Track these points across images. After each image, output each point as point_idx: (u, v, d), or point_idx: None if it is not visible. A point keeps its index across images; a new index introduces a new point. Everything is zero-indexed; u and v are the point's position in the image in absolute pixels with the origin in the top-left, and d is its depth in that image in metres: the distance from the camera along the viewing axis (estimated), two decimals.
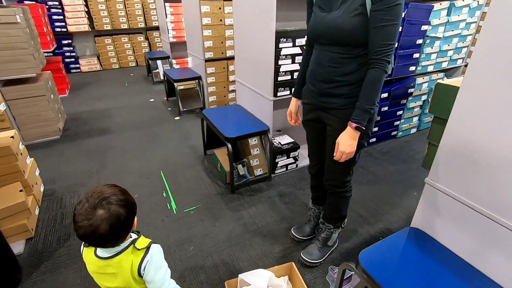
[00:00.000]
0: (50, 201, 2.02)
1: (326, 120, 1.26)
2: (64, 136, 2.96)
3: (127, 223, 0.80)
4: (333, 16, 1.07)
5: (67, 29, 5.11)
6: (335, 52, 1.11)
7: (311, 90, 1.26)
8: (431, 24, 2.39)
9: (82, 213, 0.75)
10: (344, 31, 1.04)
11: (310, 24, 1.19)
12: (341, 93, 1.15)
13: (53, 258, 1.58)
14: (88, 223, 0.74)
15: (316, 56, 1.20)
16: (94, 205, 0.75)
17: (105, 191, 0.79)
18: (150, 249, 0.86)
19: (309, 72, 1.26)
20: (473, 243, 1.00)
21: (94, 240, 0.77)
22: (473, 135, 0.92)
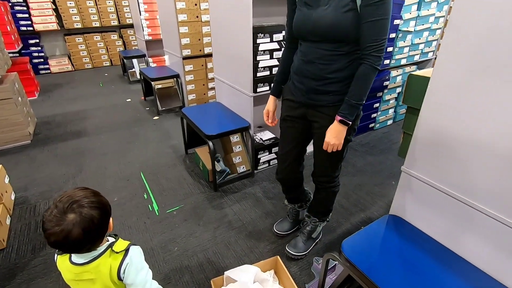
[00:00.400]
0: (22, 209, 1.92)
1: (313, 117, 1.24)
2: (35, 140, 2.81)
3: (101, 225, 0.77)
4: (322, 13, 1.03)
5: (33, 28, 4.84)
6: (325, 49, 1.09)
7: (298, 88, 1.22)
8: (403, 18, 2.47)
9: (51, 220, 0.71)
10: (336, 27, 1.02)
11: (296, 21, 1.14)
12: (331, 90, 1.13)
13: (28, 268, 1.50)
14: (59, 229, 0.70)
15: (303, 53, 1.16)
16: (64, 210, 0.72)
17: (74, 195, 0.75)
18: (129, 251, 0.83)
19: (295, 69, 1.22)
20: (448, 227, 1.04)
21: (67, 246, 0.74)
22: (445, 123, 0.97)
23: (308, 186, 1.69)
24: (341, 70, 1.10)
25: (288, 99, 1.31)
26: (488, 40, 0.81)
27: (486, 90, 0.85)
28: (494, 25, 0.79)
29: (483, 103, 0.86)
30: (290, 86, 1.29)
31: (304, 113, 1.27)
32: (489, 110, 0.85)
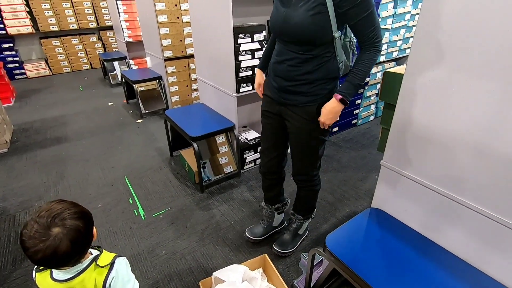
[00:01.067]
0: (1, 220, 1.85)
1: (285, 116, 1.27)
2: (12, 148, 2.72)
3: (87, 234, 0.76)
4: (292, 14, 1.04)
5: (6, 31, 4.66)
6: (294, 51, 1.10)
7: (272, 85, 1.25)
8: (380, 16, 2.54)
9: (34, 237, 0.68)
10: (302, 29, 1.03)
11: (271, 18, 1.15)
12: (300, 91, 1.16)
13: (9, 281, 1.46)
14: (45, 245, 0.67)
15: (277, 53, 1.19)
16: (47, 225, 0.69)
17: (54, 208, 0.72)
18: (115, 264, 0.82)
19: (271, 65, 1.26)
20: (427, 218, 1.09)
21: (55, 261, 0.71)
22: (419, 117, 1.01)
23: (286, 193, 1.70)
24: (310, 73, 1.12)
25: (267, 95, 1.34)
26: (458, 34, 0.85)
27: (457, 83, 0.89)
28: (463, 19, 0.83)
29: (454, 97, 0.90)
30: (267, 83, 1.32)
31: (279, 111, 1.29)
32: (460, 103, 0.90)
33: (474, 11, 0.80)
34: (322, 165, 2.35)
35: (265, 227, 1.66)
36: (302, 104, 1.18)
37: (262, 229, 1.65)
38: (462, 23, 0.83)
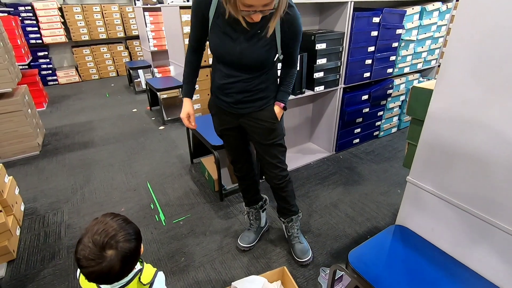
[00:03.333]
0: (32, 220, 1.95)
1: (247, 125, 1.35)
2: (44, 151, 2.87)
3: (136, 254, 0.79)
4: (249, 50, 1.13)
5: (42, 40, 4.98)
6: (247, 74, 1.21)
7: (224, 101, 1.30)
8: (405, 28, 2.50)
9: (89, 258, 0.71)
10: (261, 62, 1.18)
11: (218, 48, 1.17)
12: (256, 98, 1.27)
13: (38, 279, 1.52)
14: (100, 267, 0.71)
15: (225, 74, 1.23)
16: (102, 246, 0.72)
17: (108, 228, 0.75)
18: (155, 283, 0.84)
19: (217, 87, 1.28)
20: (455, 238, 1.04)
21: (108, 281, 0.76)
22: (448, 133, 0.98)
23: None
24: (262, 83, 1.25)
25: (218, 113, 1.38)
26: (491, 52, 0.83)
27: (490, 102, 0.86)
28: (497, 36, 0.81)
29: (487, 116, 0.87)
30: (215, 101, 1.35)
31: (238, 123, 1.37)
32: (493, 122, 0.86)
33: (509, 28, 0.78)
34: (342, 177, 2.34)
35: (255, 231, 1.71)
36: (259, 108, 1.30)
37: (254, 234, 1.70)
38: (496, 40, 0.81)
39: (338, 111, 2.50)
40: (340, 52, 2.24)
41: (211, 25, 1.15)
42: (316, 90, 2.25)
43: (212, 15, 1.12)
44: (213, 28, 1.15)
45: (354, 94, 2.52)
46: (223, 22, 1.11)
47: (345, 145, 2.75)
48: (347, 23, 2.15)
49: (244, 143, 1.49)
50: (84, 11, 5.15)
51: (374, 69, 2.51)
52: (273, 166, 1.43)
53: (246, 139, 1.48)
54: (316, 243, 1.72)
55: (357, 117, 2.67)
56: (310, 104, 2.70)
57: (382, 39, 2.40)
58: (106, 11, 5.34)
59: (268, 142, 1.36)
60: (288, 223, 1.62)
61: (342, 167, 2.50)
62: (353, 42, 2.24)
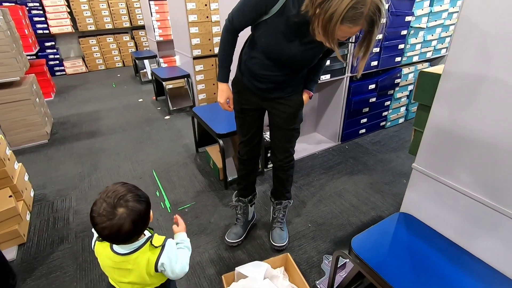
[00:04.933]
0: (41, 206, 1.99)
1: (270, 108, 1.37)
2: (52, 140, 2.91)
3: (146, 216, 0.83)
4: (299, 53, 1.13)
5: (49, 30, 5.00)
6: (286, 72, 1.22)
7: (254, 85, 1.29)
8: (415, 14, 2.44)
9: (102, 214, 0.75)
10: (306, 66, 1.23)
11: (271, 46, 1.14)
12: (287, 86, 1.29)
13: (47, 262, 1.57)
14: (111, 223, 0.75)
15: (264, 66, 1.21)
16: (113, 204, 0.76)
17: (119, 190, 0.79)
18: (166, 246, 0.86)
19: (252, 73, 1.26)
20: (461, 225, 1.03)
21: (119, 239, 0.79)
22: (456, 119, 0.96)
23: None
24: (296, 79, 1.28)
25: (243, 91, 1.36)
26: (501, 32, 0.81)
27: (501, 84, 0.84)
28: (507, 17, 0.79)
29: (496, 98, 0.85)
30: (244, 80, 1.33)
31: (262, 105, 1.37)
32: (503, 105, 0.84)
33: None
34: (347, 167, 2.33)
35: (242, 225, 1.68)
36: (287, 95, 1.31)
37: (241, 228, 1.67)
38: (506, 20, 0.78)
39: (344, 101, 2.47)
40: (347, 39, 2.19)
41: (268, 19, 1.09)
42: (322, 79, 2.22)
43: (274, 12, 1.06)
44: (269, 23, 1.10)
45: (360, 83, 2.48)
46: (283, 22, 1.07)
47: (351, 135, 2.73)
48: None
49: (260, 125, 1.48)
50: (90, 1, 5.14)
51: (381, 57, 2.46)
52: (284, 150, 1.46)
53: (260, 123, 1.47)
54: (319, 231, 1.72)
55: (364, 106, 2.63)
56: (316, 94, 2.67)
57: (390, 27, 2.35)
58: (112, 1, 5.32)
59: (289, 127, 1.38)
60: (276, 205, 1.65)
61: (347, 157, 2.48)
62: None
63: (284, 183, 1.58)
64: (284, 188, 1.60)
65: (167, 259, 0.85)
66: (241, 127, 1.48)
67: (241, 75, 1.33)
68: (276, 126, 1.41)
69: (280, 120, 1.37)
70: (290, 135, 1.42)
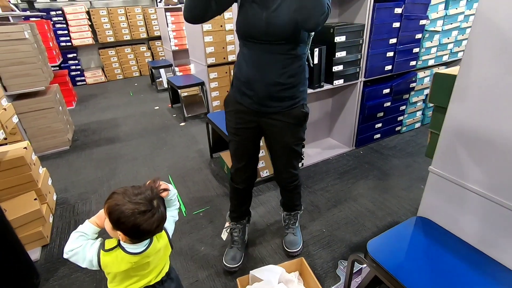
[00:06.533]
0: (63, 209, 2.07)
1: (266, 125, 1.25)
2: (73, 146, 3.03)
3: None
4: (276, 12, 1.03)
5: (71, 43, 5.25)
6: (279, 52, 1.09)
7: (248, 95, 1.18)
8: (429, 18, 2.42)
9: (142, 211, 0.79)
10: (287, 30, 1.04)
11: (245, 19, 1.07)
12: (285, 96, 1.16)
13: (69, 263, 1.61)
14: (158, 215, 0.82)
15: (254, 59, 1.11)
16: (150, 198, 0.81)
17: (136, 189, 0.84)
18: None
19: (244, 76, 1.15)
20: (481, 229, 1.01)
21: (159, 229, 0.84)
22: (473, 120, 0.94)
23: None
24: (293, 76, 1.14)
25: (236, 110, 1.25)
26: None
27: None
28: None
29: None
30: (236, 96, 1.23)
31: (257, 122, 1.25)
32: None
33: None
34: (362, 171, 2.30)
35: (240, 248, 1.56)
36: (285, 109, 1.19)
37: (239, 251, 1.55)
38: None
39: (358, 106, 2.46)
40: (360, 44, 2.20)
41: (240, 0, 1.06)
42: (335, 84, 2.23)
43: None
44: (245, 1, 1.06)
45: (375, 87, 2.46)
46: None
47: (366, 140, 2.70)
48: (367, 14, 2.11)
49: (257, 148, 1.38)
50: (109, 13, 5.38)
51: (396, 61, 2.44)
52: (287, 172, 1.40)
53: (257, 145, 1.36)
54: (334, 236, 1.71)
55: (378, 111, 2.61)
56: (330, 99, 2.67)
57: (404, 31, 2.34)
58: (130, 13, 5.54)
59: (289, 147, 1.29)
60: (286, 215, 1.64)
61: (362, 162, 2.45)
62: (374, 34, 2.19)
63: (292, 199, 1.57)
64: (292, 203, 1.59)
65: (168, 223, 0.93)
66: (236, 150, 1.35)
67: (234, 90, 1.24)
68: (275, 146, 1.31)
69: (276, 138, 1.27)
70: (289, 157, 1.33)
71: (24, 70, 2.57)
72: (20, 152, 1.77)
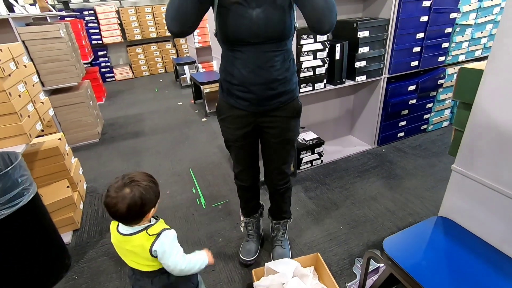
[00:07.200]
0: (92, 197, 2.21)
1: (264, 123, 1.22)
2: (102, 139, 3.20)
3: (142, 209, 0.88)
4: (266, 13, 0.99)
5: (102, 41, 5.51)
6: (269, 50, 1.06)
7: (244, 98, 1.15)
8: (461, 11, 2.29)
9: (113, 187, 0.86)
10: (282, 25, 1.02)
11: (231, 25, 1.03)
12: (282, 91, 1.15)
13: (97, 247, 1.74)
14: (114, 196, 0.84)
15: (245, 62, 1.08)
16: (124, 184, 0.86)
17: (137, 176, 0.89)
18: (161, 236, 0.90)
19: (239, 80, 1.11)
20: (504, 230, 0.96)
21: (113, 214, 0.87)
22: (500, 117, 0.90)
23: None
24: (287, 70, 1.14)
25: (232, 116, 1.22)
26: None
27: None
28: None
29: None
30: (229, 101, 1.19)
31: (255, 123, 1.23)
32: None
33: None
34: (383, 171, 2.25)
35: (255, 241, 1.59)
36: (284, 104, 1.19)
37: (255, 244, 1.58)
38: None
39: (381, 103, 2.40)
40: (385, 39, 2.14)
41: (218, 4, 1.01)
42: (358, 80, 2.18)
43: None
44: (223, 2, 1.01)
45: (399, 84, 2.39)
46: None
47: (388, 138, 2.62)
48: (392, 8, 2.04)
49: (255, 150, 1.36)
50: (137, 12, 5.58)
51: (423, 57, 2.34)
52: (279, 171, 1.37)
53: (257, 146, 1.35)
54: (352, 234, 1.69)
55: (402, 109, 2.52)
56: (351, 96, 2.62)
57: (432, 25, 2.24)
58: (156, 12, 5.71)
59: (284, 144, 1.27)
60: (275, 225, 1.58)
61: (384, 161, 2.39)
62: (400, 28, 2.12)
63: (280, 205, 1.51)
64: (281, 210, 1.53)
65: (160, 247, 0.89)
66: (237, 156, 1.34)
67: (226, 97, 1.20)
68: (270, 144, 1.29)
69: (274, 135, 1.25)
70: (286, 154, 1.31)
71: (59, 67, 2.75)
72: (55, 143, 1.91)
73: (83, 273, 1.57)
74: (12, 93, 1.47)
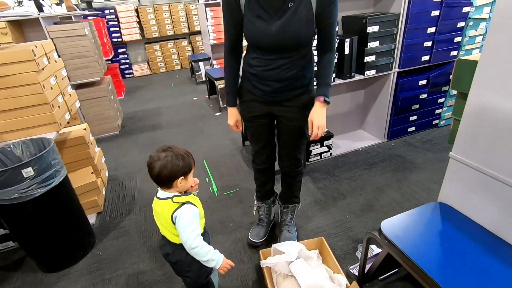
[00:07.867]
0: (113, 184, 2.37)
1: (278, 112, 1.32)
2: (122, 131, 3.39)
3: (171, 172, 1.00)
4: (280, 27, 1.08)
5: (122, 39, 5.73)
6: (287, 57, 1.16)
7: (260, 89, 1.26)
8: (474, 5, 2.28)
9: (155, 151, 1.03)
10: (296, 39, 1.11)
11: (253, 33, 1.14)
12: (296, 86, 1.24)
13: (118, 228, 1.89)
14: (153, 156, 1.01)
15: (263, 64, 1.19)
16: (163, 149, 1.02)
17: (175, 147, 1.04)
18: (182, 207, 1.01)
19: (256, 75, 1.24)
20: (499, 214, 1.01)
21: (150, 173, 1.01)
22: (494, 106, 0.95)
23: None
24: (301, 70, 1.21)
25: (249, 100, 1.34)
26: None
27: None
28: None
29: None
30: (249, 87, 1.31)
31: (270, 110, 1.33)
32: None
33: None
34: (392, 164, 2.28)
35: (265, 226, 1.68)
36: (297, 95, 1.27)
37: (264, 228, 1.68)
38: None
39: (391, 97, 2.43)
40: (395, 34, 2.17)
41: (244, 13, 1.13)
42: (367, 74, 2.23)
43: (244, 1, 1.11)
44: (246, 15, 1.12)
45: (409, 78, 2.40)
46: (255, 6, 1.10)
47: (399, 132, 2.65)
48: (403, 3, 2.07)
49: (272, 132, 1.46)
50: (155, 10, 5.76)
51: (434, 52, 2.35)
52: (292, 157, 1.46)
53: (272, 129, 1.45)
54: (357, 222, 1.76)
55: (413, 103, 2.54)
56: (362, 90, 2.66)
57: (444, 19, 2.24)
58: (173, 10, 5.88)
59: (296, 133, 1.36)
60: (284, 209, 1.67)
61: (394, 155, 2.43)
62: (410, 23, 2.14)
63: (292, 188, 1.60)
64: (291, 193, 1.62)
65: (179, 215, 1.00)
66: (253, 135, 1.46)
67: (245, 81, 1.32)
68: (283, 131, 1.39)
69: (287, 124, 1.34)
70: (297, 141, 1.41)
71: (84, 62, 2.93)
72: (81, 132, 2.07)
73: (107, 250, 1.72)
74: (45, 85, 1.63)
